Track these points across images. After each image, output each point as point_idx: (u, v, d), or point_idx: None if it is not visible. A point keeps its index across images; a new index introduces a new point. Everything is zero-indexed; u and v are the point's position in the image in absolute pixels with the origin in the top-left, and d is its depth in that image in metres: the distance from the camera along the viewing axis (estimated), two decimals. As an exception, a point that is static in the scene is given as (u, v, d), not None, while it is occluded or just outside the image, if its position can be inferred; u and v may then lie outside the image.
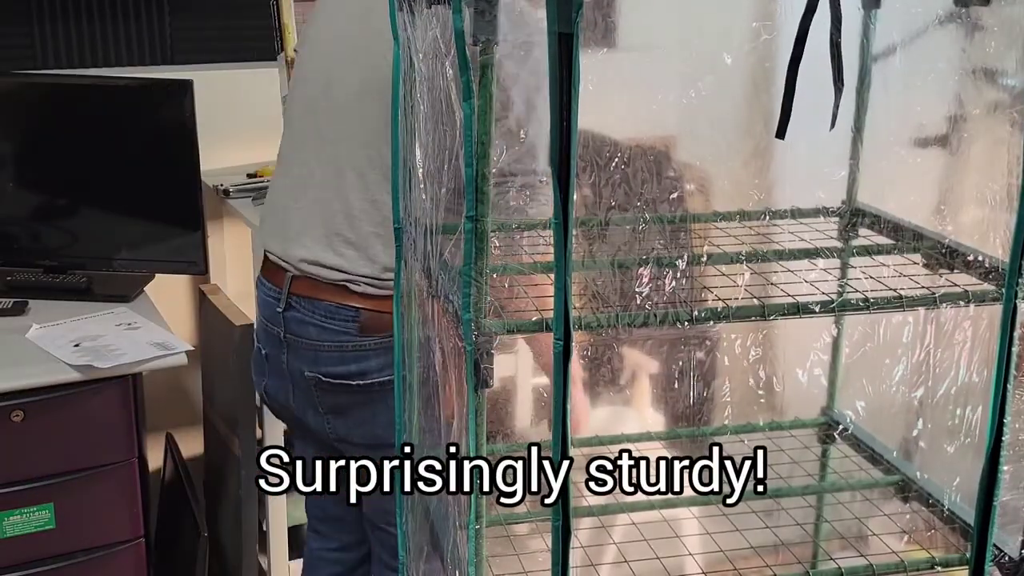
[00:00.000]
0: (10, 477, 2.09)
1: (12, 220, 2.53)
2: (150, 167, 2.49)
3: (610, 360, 2.02)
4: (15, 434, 2.07)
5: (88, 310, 2.36)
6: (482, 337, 1.27)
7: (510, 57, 1.58)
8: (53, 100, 2.52)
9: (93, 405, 2.13)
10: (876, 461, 1.81)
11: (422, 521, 1.67)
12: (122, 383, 2.15)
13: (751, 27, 1.59)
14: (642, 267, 1.51)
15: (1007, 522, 1.52)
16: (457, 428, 1.43)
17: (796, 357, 1.84)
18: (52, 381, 2.08)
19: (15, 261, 2.54)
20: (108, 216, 2.51)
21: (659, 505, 1.77)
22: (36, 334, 2.21)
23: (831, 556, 1.68)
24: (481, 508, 1.33)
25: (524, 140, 1.61)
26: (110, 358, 2.09)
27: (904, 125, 1.73)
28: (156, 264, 2.53)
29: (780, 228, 1.69)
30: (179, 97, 2.42)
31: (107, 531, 2.20)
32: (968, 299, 1.44)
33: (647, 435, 1.91)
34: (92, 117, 2.49)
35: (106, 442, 2.16)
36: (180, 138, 2.43)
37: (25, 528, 2.10)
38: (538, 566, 1.53)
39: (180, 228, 2.50)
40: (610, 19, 1.49)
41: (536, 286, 1.42)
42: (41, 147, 2.53)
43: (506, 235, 1.68)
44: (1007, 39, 1.52)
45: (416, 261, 1.61)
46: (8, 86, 2.54)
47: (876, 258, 1.62)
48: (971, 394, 1.60)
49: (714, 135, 1.68)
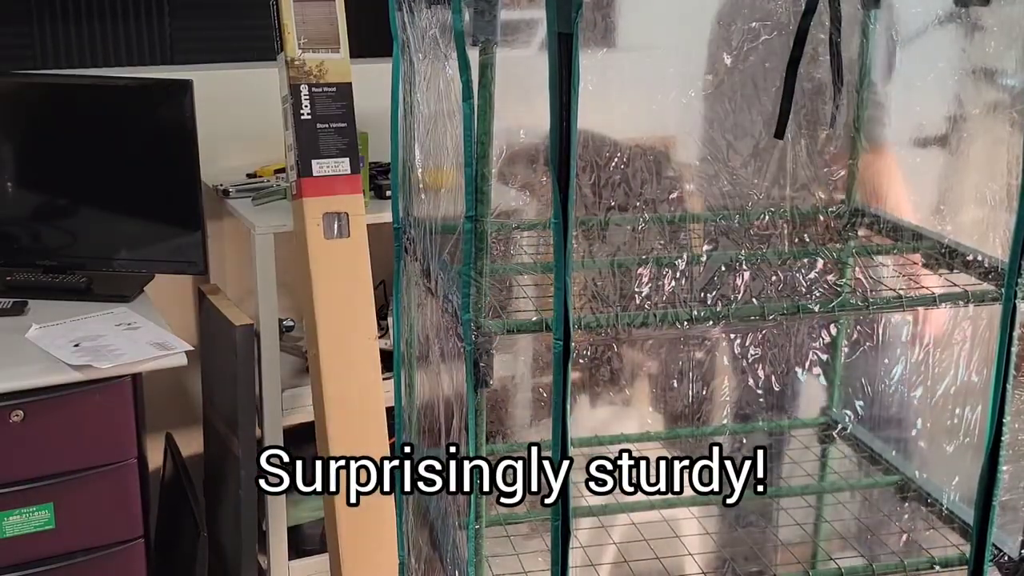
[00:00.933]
0: (10, 477, 2.09)
1: (12, 220, 2.53)
2: (150, 167, 2.49)
3: (610, 360, 2.02)
4: (15, 434, 2.07)
5: (88, 310, 2.36)
6: (482, 337, 1.27)
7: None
8: (53, 100, 2.52)
9: (93, 405, 2.13)
10: (876, 461, 1.81)
11: (422, 521, 1.67)
12: (122, 383, 2.15)
13: (751, 27, 1.59)
14: (642, 267, 1.51)
15: (1007, 522, 1.52)
16: (457, 428, 1.43)
17: (796, 357, 1.84)
18: (52, 381, 2.08)
19: (15, 261, 2.54)
20: (108, 216, 2.51)
21: (659, 505, 1.77)
22: (36, 334, 2.21)
23: (831, 556, 1.68)
24: (481, 508, 1.33)
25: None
26: (110, 358, 2.09)
27: (904, 125, 1.73)
28: (156, 264, 2.53)
29: (780, 228, 1.69)
30: (179, 97, 2.42)
31: (107, 531, 2.20)
32: (968, 299, 1.44)
33: (647, 435, 1.91)
34: (92, 117, 2.49)
35: (106, 442, 2.16)
36: (180, 138, 2.43)
37: (25, 528, 2.10)
38: (538, 566, 1.53)
39: (180, 228, 2.49)
40: (610, 19, 1.49)
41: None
42: (41, 147, 2.53)
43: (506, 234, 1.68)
44: (1007, 39, 1.53)
45: (416, 261, 1.61)
46: (8, 86, 2.54)
47: (876, 258, 1.62)
48: (970, 394, 1.60)
49: (714, 135, 1.68)
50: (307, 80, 2.35)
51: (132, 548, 2.24)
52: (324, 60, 2.36)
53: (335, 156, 2.37)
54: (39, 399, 2.08)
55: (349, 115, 2.37)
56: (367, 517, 2.37)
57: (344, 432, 2.35)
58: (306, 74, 2.35)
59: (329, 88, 2.36)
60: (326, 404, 2.35)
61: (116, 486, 2.19)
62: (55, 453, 2.12)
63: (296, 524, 2.72)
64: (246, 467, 2.44)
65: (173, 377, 2.74)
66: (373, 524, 2.38)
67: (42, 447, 2.11)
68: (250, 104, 2.78)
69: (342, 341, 2.36)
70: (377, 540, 2.38)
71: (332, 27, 2.38)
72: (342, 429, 2.35)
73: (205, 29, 2.89)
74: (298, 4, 2.35)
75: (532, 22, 1.34)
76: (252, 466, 2.46)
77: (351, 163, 2.38)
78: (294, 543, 2.70)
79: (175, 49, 2.88)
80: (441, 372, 1.53)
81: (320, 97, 2.36)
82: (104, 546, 2.20)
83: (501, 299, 1.45)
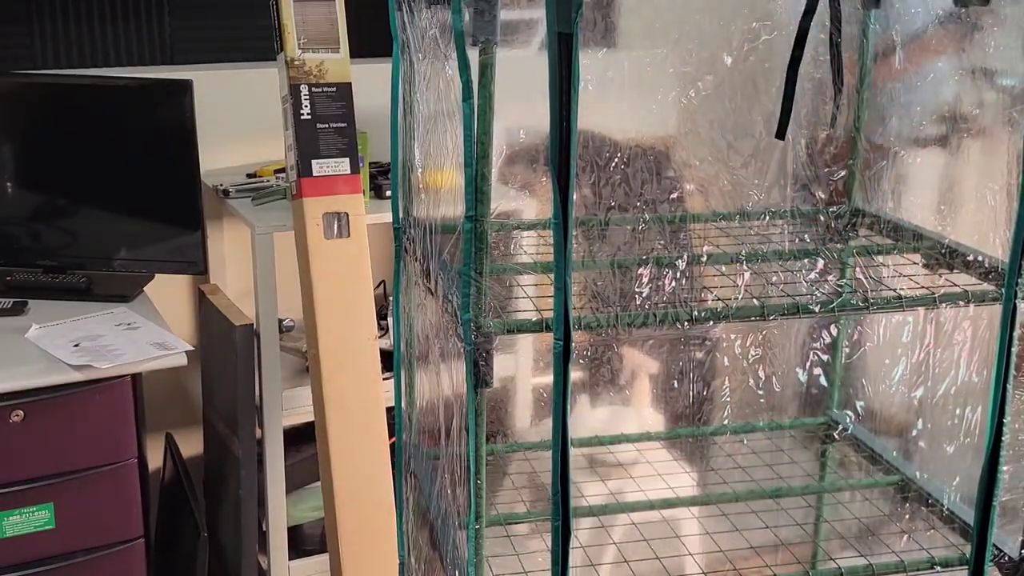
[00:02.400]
0: (10, 477, 2.09)
1: (12, 220, 2.53)
2: (150, 167, 2.48)
3: (610, 360, 2.02)
4: (15, 434, 2.07)
5: (88, 310, 2.36)
6: (482, 337, 1.27)
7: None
8: (53, 100, 2.52)
9: (93, 405, 2.13)
10: (876, 461, 1.81)
11: (422, 521, 1.67)
12: (122, 383, 2.15)
13: (751, 27, 1.59)
14: (642, 267, 1.51)
15: (1007, 522, 1.52)
16: (457, 428, 1.43)
17: (796, 357, 1.84)
18: (52, 381, 2.08)
19: (15, 261, 2.54)
20: (108, 216, 2.51)
21: (659, 505, 1.77)
22: (36, 334, 2.21)
23: (831, 556, 1.68)
24: (481, 508, 1.33)
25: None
26: (110, 358, 2.09)
27: (904, 125, 1.73)
28: (156, 264, 2.53)
29: (780, 228, 1.69)
30: (179, 97, 2.42)
31: (107, 531, 2.19)
32: (968, 299, 1.44)
33: (647, 435, 1.91)
34: (92, 117, 2.49)
35: (106, 442, 2.16)
36: (180, 138, 2.43)
37: (25, 528, 2.10)
38: (538, 566, 1.53)
39: (180, 228, 2.49)
40: (610, 19, 1.49)
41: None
42: (41, 147, 2.52)
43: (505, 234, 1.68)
44: (1007, 39, 1.52)
45: (416, 261, 1.61)
46: (8, 86, 2.54)
47: (876, 258, 1.62)
48: (971, 394, 1.60)
49: (714, 135, 1.68)
50: (307, 80, 2.35)
51: (132, 548, 2.24)
52: (324, 60, 2.36)
53: (335, 156, 2.37)
54: (39, 399, 2.08)
55: (349, 115, 2.37)
56: (367, 517, 2.37)
57: (344, 432, 2.35)
58: (306, 74, 2.35)
59: (329, 88, 2.36)
60: (326, 404, 2.34)
61: (116, 486, 2.19)
62: (55, 453, 2.12)
63: (296, 524, 2.72)
64: (246, 467, 2.44)
65: (173, 377, 2.74)
66: (373, 524, 2.38)
67: (42, 447, 2.10)
68: (250, 104, 2.78)
69: (342, 341, 2.35)
70: (377, 540, 2.38)
71: (332, 27, 2.38)
72: (342, 429, 2.35)
73: (205, 29, 2.89)
74: (298, 4, 2.35)
75: (532, 22, 1.34)
76: (252, 466, 2.46)
77: (351, 163, 2.38)
78: (294, 543, 2.70)
79: (175, 49, 2.87)
80: (441, 372, 1.53)
81: (320, 97, 2.36)
82: (104, 546, 2.20)
83: (501, 299, 1.45)
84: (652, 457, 1.90)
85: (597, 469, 1.87)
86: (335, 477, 2.34)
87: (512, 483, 1.84)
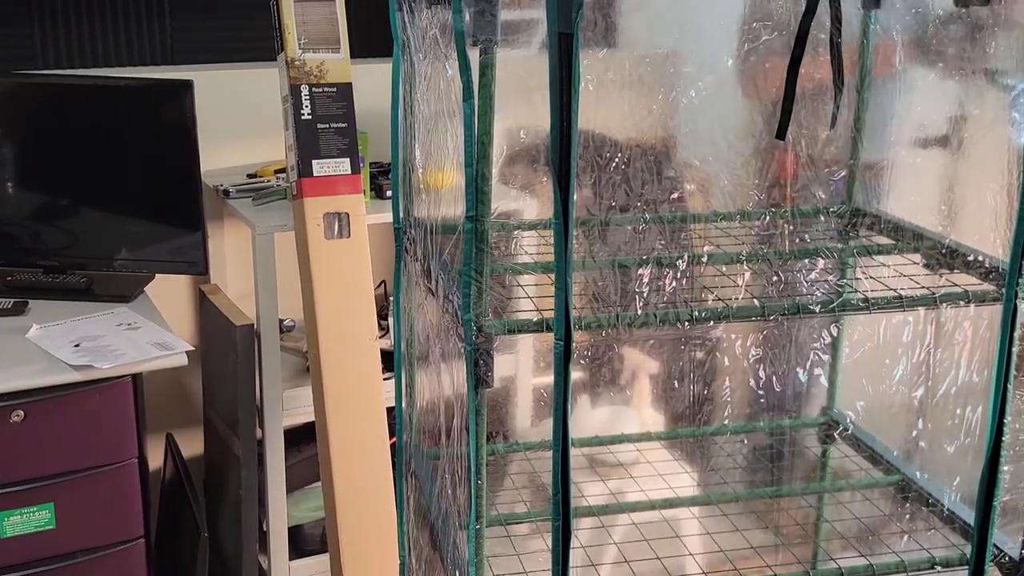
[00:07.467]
0: (10, 477, 2.09)
1: (12, 220, 2.53)
2: (150, 167, 2.48)
3: (610, 360, 2.02)
4: (15, 434, 2.07)
5: (88, 310, 2.36)
6: (482, 337, 1.27)
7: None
8: (53, 100, 2.52)
9: (93, 405, 2.13)
10: (876, 461, 1.82)
11: (422, 521, 1.67)
12: (122, 383, 2.15)
13: (751, 27, 1.59)
14: (642, 267, 1.51)
15: (1007, 522, 1.52)
16: (457, 428, 1.43)
17: (796, 357, 1.84)
18: (52, 381, 2.08)
19: (15, 261, 2.54)
20: (108, 216, 2.51)
21: (659, 505, 1.77)
22: (36, 334, 2.21)
23: (831, 556, 1.68)
24: (481, 508, 1.33)
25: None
26: (110, 358, 2.09)
27: (904, 125, 1.73)
28: (156, 264, 2.53)
29: (780, 228, 1.69)
30: (179, 97, 2.42)
31: (107, 531, 2.19)
32: (968, 299, 1.44)
33: (647, 435, 1.91)
34: (92, 117, 2.49)
35: (106, 442, 2.16)
36: (180, 138, 2.43)
37: (25, 528, 2.10)
38: (538, 566, 1.53)
39: (180, 228, 2.49)
40: (610, 19, 1.49)
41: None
42: (41, 147, 2.53)
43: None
44: (1007, 39, 1.53)
45: (416, 261, 1.61)
46: (8, 86, 2.54)
47: (876, 258, 1.62)
48: (971, 394, 1.60)
49: (714, 135, 1.69)
50: (307, 80, 2.35)
51: (132, 548, 2.24)
52: (324, 60, 2.36)
53: (335, 156, 2.37)
54: (39, 399, 2.08)
55: (349, 115, 2.37)
56: (367, 517, 2.37)
57: (344, 432, 2.35)
58: (306, 74, 2.35)
59: (329, 88, 2.36)
60: (326, 404, 2.35)
61: (116, 486, 2.19)
62: (55, 453, 2.12)
63: (296, 524, 2.72)
64: (246, 467, 2.44)
65: (173, 377, 2.74)
66: (373, 524, 2.38)
67: (42, 447, 2.11)
68: (250, 104, 2.78)
69: (342, 341, 2.36)
70: (377, 540, 2.38)
71: (332, 27, 2.38)
72: (342, 429, 2.35)
73: (205, 29, 2.89)
74: (298, 4, 2.35)
75: (532, 22, 1.34)
76: (252, 466, 2.46)
77: (351, 163, 2.38)
78: (294, 543, 2.70)
79: (175, 49, 2.87)
80: (441, 372, 1.53)
81: (320, 97, 2.36)
82: (104, 546, 2.20)
83: (501, 299, 1.45)
84: (652, 457, 1.90)
85: (597, 469, 1.87)
86: (335, 477, 2.34)
87: (512, 483, 1.84)
